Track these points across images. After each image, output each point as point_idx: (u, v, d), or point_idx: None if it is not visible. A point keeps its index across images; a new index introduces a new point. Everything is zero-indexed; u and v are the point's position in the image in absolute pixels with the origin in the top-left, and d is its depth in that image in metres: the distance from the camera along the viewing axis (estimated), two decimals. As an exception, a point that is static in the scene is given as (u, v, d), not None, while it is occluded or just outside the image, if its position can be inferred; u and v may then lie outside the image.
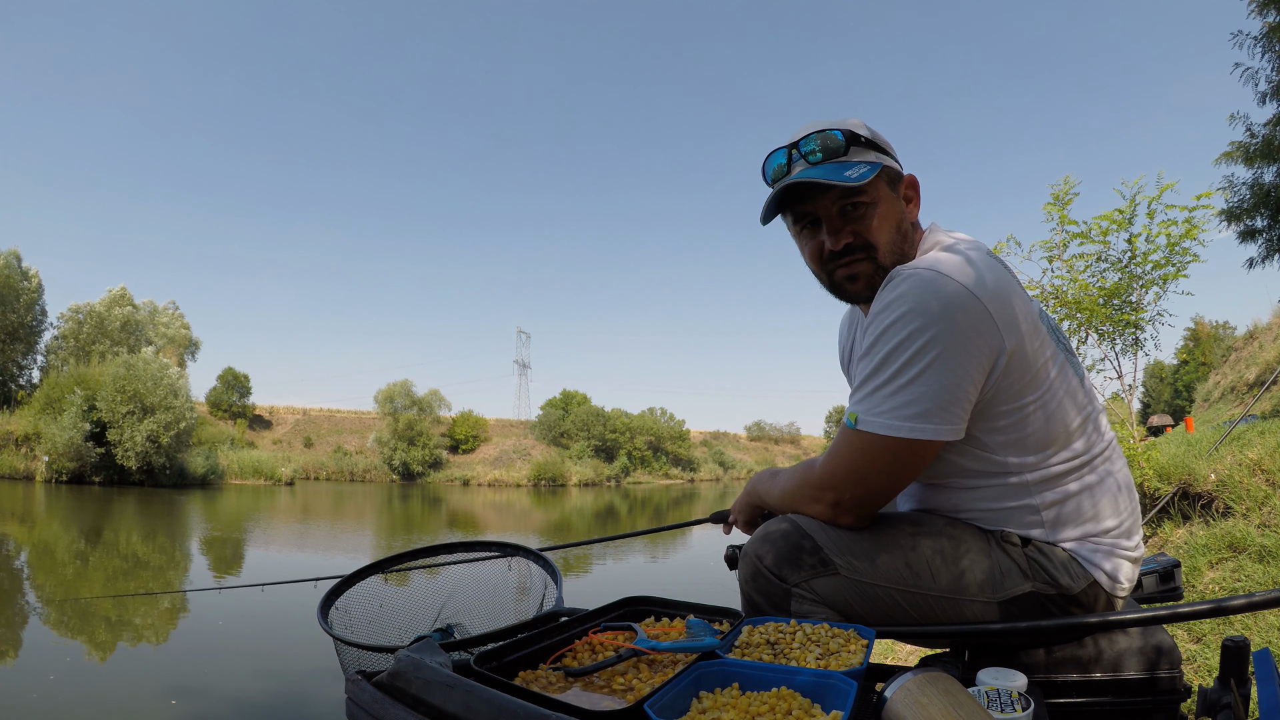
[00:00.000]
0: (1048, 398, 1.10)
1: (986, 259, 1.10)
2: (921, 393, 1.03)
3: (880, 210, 1.16)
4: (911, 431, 1.04)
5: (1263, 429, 5.84)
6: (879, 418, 1.06)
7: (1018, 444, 1.12)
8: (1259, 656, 0.95)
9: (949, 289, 1.02)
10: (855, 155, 1.16)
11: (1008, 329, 1.05)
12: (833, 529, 1.18)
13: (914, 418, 1.04)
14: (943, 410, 1.04)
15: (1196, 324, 40.46)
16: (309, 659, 5.73)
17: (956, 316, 1.01)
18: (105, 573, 10.11)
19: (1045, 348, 1.11)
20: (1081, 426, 1.14)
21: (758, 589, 1.18)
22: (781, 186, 1.16)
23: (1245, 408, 8.79)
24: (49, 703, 4.78)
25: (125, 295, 37.07)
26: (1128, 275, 5.02)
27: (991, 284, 1.05)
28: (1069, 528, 1.13)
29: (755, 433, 70.43)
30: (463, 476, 45.89)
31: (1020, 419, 1.10)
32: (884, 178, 1.17)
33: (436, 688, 0.79)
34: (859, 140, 1.17)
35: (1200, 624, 3.10)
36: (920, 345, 1.02)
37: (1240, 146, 8.41)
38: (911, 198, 1.23)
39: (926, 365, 1.02)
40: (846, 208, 1.16)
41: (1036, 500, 1.13)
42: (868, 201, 1.16)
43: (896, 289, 1.06)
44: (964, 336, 1.02)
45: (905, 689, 0.77)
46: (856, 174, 1.12)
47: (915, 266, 1.07)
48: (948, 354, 1.02)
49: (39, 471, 26.59)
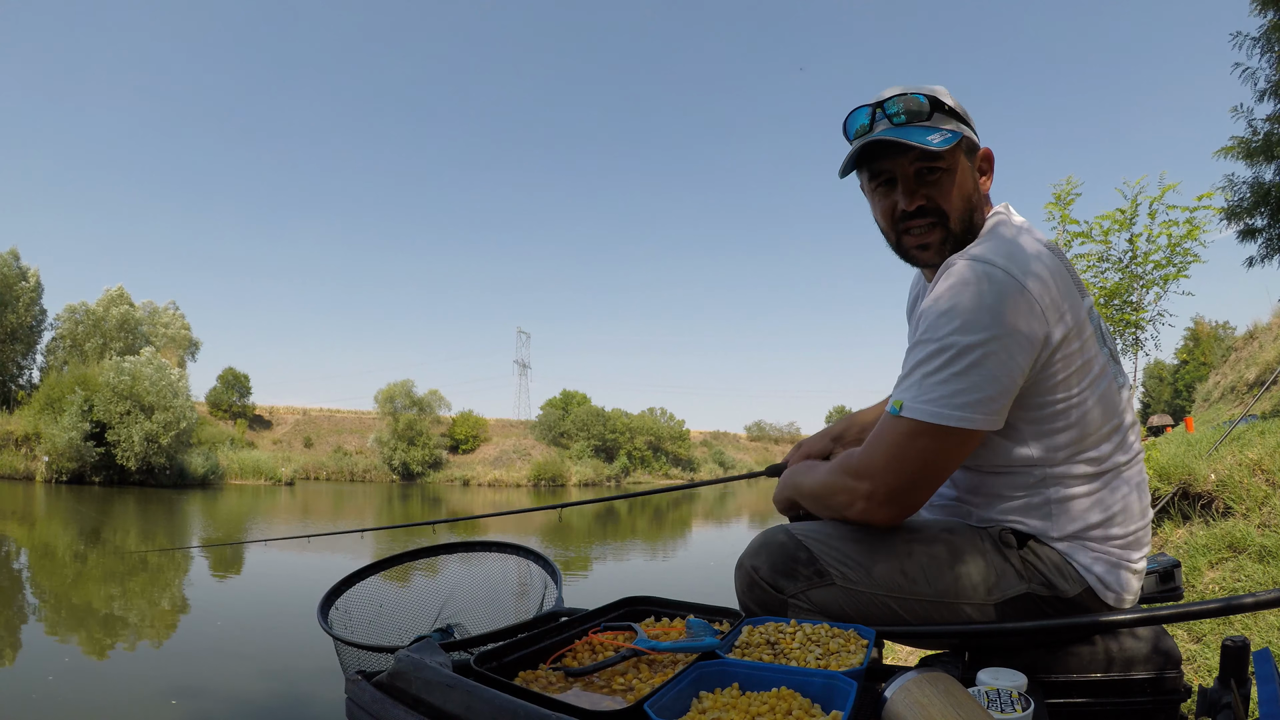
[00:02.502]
0: (1083, 397, 1.10)
1: (1042, 250, 1.11)
2: (973, 383, 1.02)
3: (956, 178, 1.17)
4: (960, 421, 1.03)
5: (1263, 429, 5.84)
6: (927, 405, 1.05)
7: (1046, 436, 1.11)
8: (1259, 656, 0.95)
9: (1000, 280, 1.03)
10: (938, 121, 1.16)
11: (1055, 321, 1.05)
12: (829, 540, 1.17)
13: (962, 406, 1.03)
14: (990, 401, 1.03)
15: (1196, 324, 40.50)
16: (309, 659, 5.73)
17: (1006, 308, 1.02)
18: (105, 572, 10.11)
19: (1089, 346, 1.11)
20: (1110, 434, 1.13)
21: (754, 599, 1.19)
22: (862, 143, 1.17)
23: (1245, 408, 8.79)
24: (49, 703, 4.78)
25: (123, 295, 37.01)
26: (1128, 275, 5.02)
27: (1043, 275, 1.06)
28: (1071, 530, 1.13)
29: (755, 433, 70.41)
30: (463, 476, 45.86)
31: (1053, 412, 1.10)
32: (963, 147, 1.18)
33: (436, 688, 0.79)
34: (942, 107, 1.17)
35: (1200, 624, 3.10)
36: (970, 337, 1.02)
37: (1242, 143, 8.40)
38: (986, 170, 1.23)
39: (977, 358, 1.02)
40: (923, 170, 1.17)
41: (1047, 496, 1.13)
42: (944, 168, 1.16)
43: (950, 279, 1.07)
44: (1013, 328, 1.02)
45: (905, 689, 0.77)
46: (938, 139, 1.13)
47: (970, 255, 1.08)
48: (997, 345, 1.02)
49: (39, 471, 26.57)
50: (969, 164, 1.19)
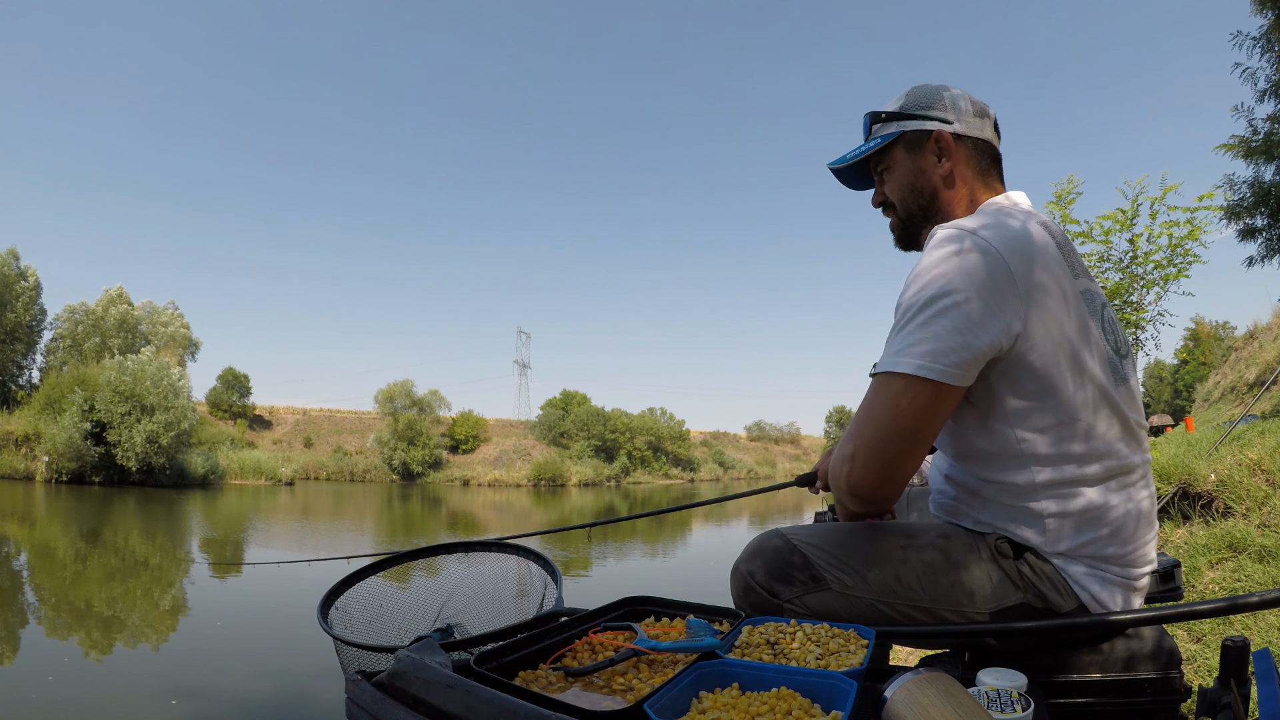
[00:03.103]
0: (1079, 391, 1.07)
1: (1031, 226, 1.12)
2: (933, 333, 1.04)
3: (894, 172, 1.31)
4: (920, 370, 1.03)
5: (1263, 429, 5.83)
6: (891, 357, 1.06)
7: (1041, 435, 1.08)
8: (1259, 656, 0.95)
9: (972, 244, 1.06)
10: (876, 132, 1.32)
11: (1029, 290, 1.05)
12: (825, 544, 1.17)
13: (923, 355, 1.03)
14: (951, 352, 1.03)
15: (1196, 324, 40.51)
16: (309, 659, 5.73)
17: (971, 266, 1.04)
18: (105, 572, 10.11)
19: (1086, 333, 1.09)
20: (1116, 439, 1.10)
21: (749, 604, 1.19)
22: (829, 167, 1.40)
23: (1245, 408, 8.79)
24: (49, 703, 4.78)
25: (122, 295, 37.02)
26: (1129, 275, 5.03)
27: (1019, 246, 1.07)
28: (1068, 542, 1.09)
29: (755, 433, 70.40)
30: (463, 476, 45.87)
31: (1045, 405, 1.07)
32: (902, 143, 1.29)
33: (436, 688, 0.79)
34: (880, 117, 1.32)
35: (1200, 624, 3.10)
36: (934, 290, 1.05)
37: (1242, 141, 8.40)
38: (943, 153, 1.27)
39: (941, 308, 1.04)
40: (878, 172, 1.34)
41: (1043, 504, 1.09)
42: (884, 167, 1.33)
43: (928, 247, 1.11)
44: (981, 284, 1.03)
45: (905, 689, 0.77)
46: (858, 150, 1.33)
47: (948, 224, 1.12)
48: (962, 298, 1.03)
49: (39, 471, 26.57)
50: (908, 156, 1.29)
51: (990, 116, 1.29)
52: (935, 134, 1.26)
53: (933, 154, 1.27)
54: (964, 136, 1.26)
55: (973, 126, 1.26)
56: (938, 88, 1.28)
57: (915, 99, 1.28)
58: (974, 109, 1.27)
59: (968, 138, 1.26)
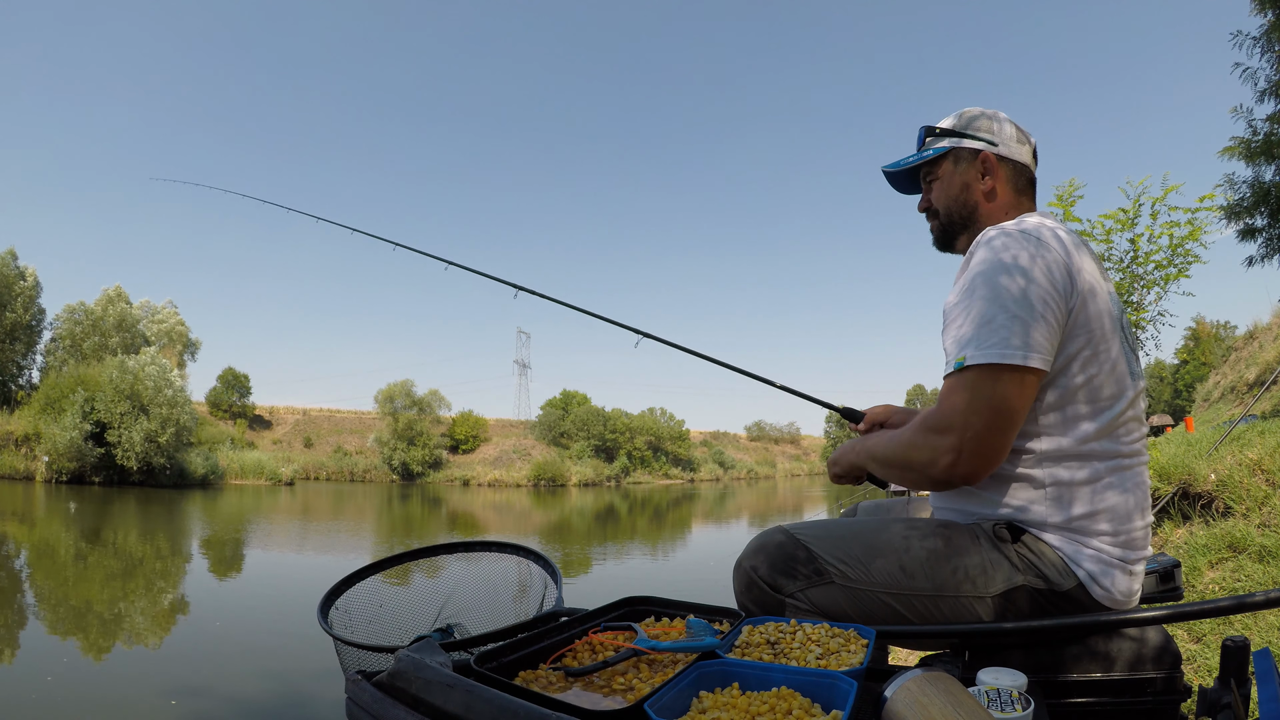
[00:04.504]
0: (1091, 380, 1.14)
1: (1064, 231, 1.22)
2: (1023, 324, 1.11)
3: (942, 182, 1.42)
4: (1023, 359, 1.08)
5: (1263, 429, 5.83)
6: (989, 349, 1.10)
7: (1048, 421, 1.14)
8: (1259, 656, 0.96)
9: (1030, 241, 1.16)
10: (930, 144, 1.44)
11: (1081, 283, 1.15)
12: (827, 538, 1.18)
13: (1020, 346, 1.09)
14: (1042, 341, 1.10)
15: (1197, 324, 40.55)
16: (309, 659, 5.73)
17: (1037, 263, 1.13)
18: (104, 572, 10.12)
19: (1106, 322, 1.17)
20: (1115, 425, 1.15)
21: (753, 599, 1.20)
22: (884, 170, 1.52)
23: (1245, 408, 8.79)
24: (49, 703, 4.78)
25: (121, 294, 36.98)
26: (1130, 275, 5.03)
27: (1066, 242, 1.18)
28: (1065, 524, 1.13)
29: (755, 433, 70.39)
30: (463, 477, 45.86)
31: (1059, 395, 1.14)
32: (950, 158, 1.40)
33: (437, 688, 0.79)
34: (935, 132, 1.44)
35: (1200, 624, 3.10)
36: (1017, 287, 1.12)
37: (1243, 142, 8.40)
38: (986, 172, 1.38)
39: (1022, 302, 1.11)
40: (926, 180, 1.46)
41: (1044, 487, 1.14)
42: (933, 177, 1.44)
43: (985, 247, 1.18)
44: (1050, 279, 1.12)
45: (905, 689, 0.77)
46: (912, 158, 1.45)
47: (998, 227, 1.21)
48: (1044, 293, 1.12)
49: (39, 471, 26.56)
50: (954, 169, 1.40)
51: (1030, 144, 1.40)
52: (982, 154, 1.37)
53: (978, 171, 1.38)
54: (1006, 159, 1.37)
55: (1015, 151, 1.37)
56: (988, 113, 1.40)
57: (967, 120, 1.40)
58: (1017, 135, 1.38)
59: (1010, 160, 1.37)
